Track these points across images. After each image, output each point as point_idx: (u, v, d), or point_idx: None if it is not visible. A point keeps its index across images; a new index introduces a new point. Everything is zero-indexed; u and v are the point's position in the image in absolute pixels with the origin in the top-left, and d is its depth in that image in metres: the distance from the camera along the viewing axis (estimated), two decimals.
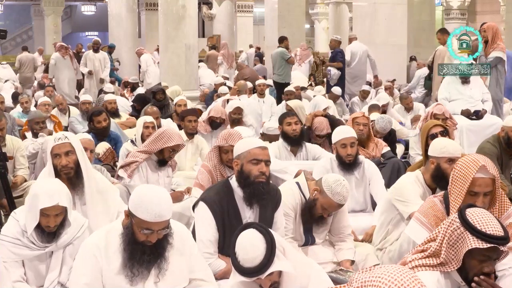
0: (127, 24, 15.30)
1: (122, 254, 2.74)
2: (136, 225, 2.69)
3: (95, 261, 2.75)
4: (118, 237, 2.76)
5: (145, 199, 2.67)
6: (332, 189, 3.47)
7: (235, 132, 4.53)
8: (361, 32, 10.86)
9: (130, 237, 2.72)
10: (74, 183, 3.61)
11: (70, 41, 25.41)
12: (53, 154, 3.61)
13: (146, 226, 2.67)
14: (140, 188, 2.81)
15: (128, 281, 2.75)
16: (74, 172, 3.61)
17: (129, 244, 2.73)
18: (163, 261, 2.77)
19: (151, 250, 2.73)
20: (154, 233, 2.69)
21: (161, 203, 2.67)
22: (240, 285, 2.60)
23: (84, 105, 7.91)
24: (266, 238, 2.53)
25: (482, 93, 7.28)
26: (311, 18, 23.77)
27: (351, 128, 4.84)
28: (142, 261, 2.73)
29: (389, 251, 3.76)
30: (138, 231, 2.70)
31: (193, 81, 10.78)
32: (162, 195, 2.72)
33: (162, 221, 2.67)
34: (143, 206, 2.65)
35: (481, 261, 2.40)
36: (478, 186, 2.93)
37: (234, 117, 6.82)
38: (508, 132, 5.23)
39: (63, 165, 3.59)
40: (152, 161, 4.79)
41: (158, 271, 2.78)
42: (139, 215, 2.66)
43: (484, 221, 2.38)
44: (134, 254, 2.73)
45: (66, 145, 3.62)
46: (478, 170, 2.92)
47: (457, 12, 22.11)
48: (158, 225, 2.68)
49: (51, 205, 2.95)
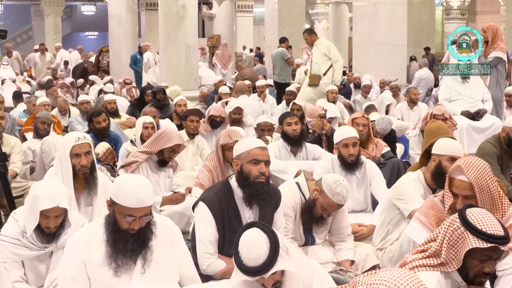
0: (127, 24, 15.26)
1: (105, 245, 2.76)
2: (118, 212, 2.72)
3: (78, 255, 2.77)
4: (101, 228, 2.78)
5: (126, 185, 2.72)
6: (332, 189, 3.47)
7: (236, 129, 4.57)
8: (361, 32, 10.84)
9: (112, 226, 2.75)
10: (90, 183, 3.65)
11: (70, 41, 25.51)
12: (73, 153, 3.61)
13: (128, 212, 2.69)
14: (120, 177, 2.89)
15: (112, 272, 2.75)
16: (90, 172, 3.64)
17: (111, 233, 2.75)
18: (147, 251, 2.78)
19: (134, 239, 2.74)
20: (136, 220, 2.71)
21: (141, 188, 2.71)
22: (243, 284, 2.61)
23: (83, 105, 7.92)
24: (269, 237, 2.53)
25: (482, 93, 7.28)
26: (311, 18, 23.75)
27: (353, 128, 4.84)
28: (126, 250, 2.73)
29: (389, 251, 3.75)
30: (120, 218, 2.72)
31: (193, 81, 10.77)
32: (142, 181, 2.77)
33: (144, 207, 2.71)
34: (124, 192, 2.70)
35: (482, 261, 2.40)
36: (456, 187, 3.00)
37: (234, 117, 6.82)
38: (509, 132, 5.22)
39: (82, 164, 3.61)
40: (152, 161, 4.79)
41: (143, 261, 2.79)
42: (120, 201, 2.69)
43: (484, 221, 2.38)
44: (117, 243, 2.74)
45: (86, 145, 3.65)
46: (454, 171, 3.00)
47: (457, 12, 22.10)
48: (140, 211, 2.70)
49: (51, 207, 2.95)
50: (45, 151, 5.50)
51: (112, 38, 15.50)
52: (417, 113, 8.62)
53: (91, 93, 11.79)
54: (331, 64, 9.10)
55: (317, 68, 9.10)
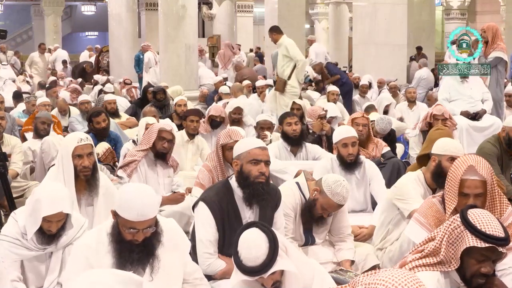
0: (127, 24, 15.27)
1: (112, 254, 2.72)
2: (121, 224, 2.67)
3: (86, 262, 2.73)
4: (107, 237, 2.74)
5: (128, 198, 2.64)
6: (332, 189, 3.47)
7: (236, 129, 4.58)
8: (361, 32, 10.84)
9: (117, 237, 2.71)
10: (91, 184, 3.64)
11: (70, 41, 25.49)
12: (75, 154, 3.60)
13: (130, 225, 2.64)
14: (124, 187, 2.80)
15: None
16: (91, 173, 3.63)
17: (116, 243, 2.71)
18: (154, 259, 2.75)
19: (139, 248, 2.70)
20: (139, 232, 2.66)
21: (144, 202, 2.64)
22: (242, 284, 2.61)
23: (83, 105, 7.92)
24: (269, 237, 2.53)
25: (482, 93, 7.28)
26: (311, 18, 23.74)
27: (352, 128, 4.84)
28: (132, 260, 2.70)
29: (389, 251, 3.76)
30: (123, 230, 2.67)
31: (193, 81, 10.78)
32: (146, 193, 2.68)
33: (146, 220, 2.64)
34: (126, 206, 2.63)
35: (479, 261, 2.40)
36: (467, 187, 2.96)
37: (234, 117, 6.82)
38: (509, 132, 5.23)
39: (84, 166, 3.60)
40: (150, 160, 4.83)
41: (151, 270, 2.76)
42: (123, 214, 2.64)
43: (484, 222, 2.38)
44: (122, 253, 2.70)
45: (88, 146, 3.64)
46: (466, 171, 2.96)
47: (457, 12, 22.09)
48: (142, 224, 2.64)
49: (54, 213, 2.94)
50: (45, 151, 5.51)
51: (112, 38, 15.51)
52: (417, 113, 8.64)
53: (92, 93, 11.80)
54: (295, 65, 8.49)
55: (281, 71, 8.55)
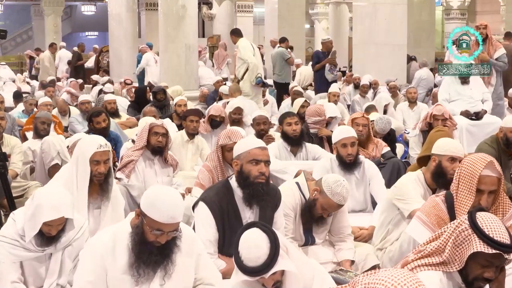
0: (127, 24, 15.26)
1: (130, 254, 2.71)
2: (147, 225, 2.66)
3: (100, 260, 2.72)
4: (127, 236, 2.73)
5: (160, 200, 2.64)
6: (332, 189, 3.47)
7: (236, 129, 4.57)
8: (361, 32, 10.84)
9: (140, 237, 2.70)
10: (104, 188, 3.63)
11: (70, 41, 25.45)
12: (93, 160, 3.57)
13: (158, 226, 2.64)
14: (154, 188, 2.78)
15: (133, 281, 2.72)
16: (104, 179, 3.63)
17: (137, 243, 2.70)
18: (169, 263, 2.74)
19: (158, 251, 2.70)
20: (164, 234, 2.66)
21: (175, 205, 2.65)
22: (243, 284, 2.61)
23: (83, 105, 7.92)
24: (269, 237, 2.53)
25: (482, 93, 7.29)
26: (311, 18, 23.74)
27: (351, 128, 4.84)
28: (149, 262, 2.70)
29: (389, 251, 3.75)
30: (148, 231, 2.67)
31: (193, 81, 10.78)
32: (176, 197, 2.70)
33: (174, 223, 2.66)
34: (157, 207, 2.63)
35: (484, 266, 2.39)
36: (484, 184, 2.96)
37: (234, 117, 6.82)
38: (506, 133, 5.23)
39: (100, 172, 3.58)
40: (148, 158, 4.89)
41: (164, 273, 2.75)
42: (152, 215, 2.63)
43: (493, 227, 2.36)
44: (141, 254, 2.70)
45: (107, 153, 3.63)
46: (485, 167, 2.96)
47: (457, 12, 22.07)
48: (170, 227, 2.65)
49: (55, 218, 2.94)
50: (45, 151, 5.50)
51: (112, 38, 15.51)
52: (417, 113, 8.64)
53: (92, 93, 11.80)
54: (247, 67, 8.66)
55: (238, 72, 8.68)
